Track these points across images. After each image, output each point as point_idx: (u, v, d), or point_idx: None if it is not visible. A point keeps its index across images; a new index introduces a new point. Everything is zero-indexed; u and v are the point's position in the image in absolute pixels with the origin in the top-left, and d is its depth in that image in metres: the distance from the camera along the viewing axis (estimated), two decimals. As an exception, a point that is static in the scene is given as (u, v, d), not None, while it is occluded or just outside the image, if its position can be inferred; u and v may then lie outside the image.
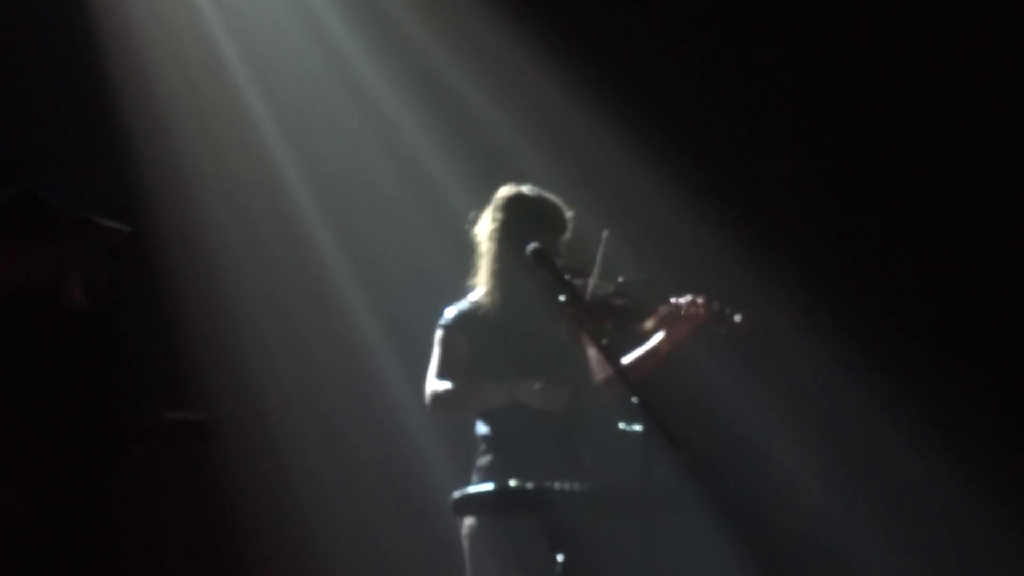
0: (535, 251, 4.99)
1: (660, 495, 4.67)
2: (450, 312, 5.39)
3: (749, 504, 6.99)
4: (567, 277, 5.01)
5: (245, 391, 7.26)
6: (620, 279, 5.34)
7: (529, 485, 4.85)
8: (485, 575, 5.19)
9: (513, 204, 5.40)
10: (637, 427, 4.68)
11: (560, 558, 4.78)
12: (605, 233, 5.33)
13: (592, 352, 5.41)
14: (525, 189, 5.44)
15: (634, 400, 4.61)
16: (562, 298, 4.83)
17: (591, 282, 5.28)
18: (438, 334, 5.37)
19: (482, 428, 5.37)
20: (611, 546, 5.05)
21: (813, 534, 7.18)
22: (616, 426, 4.73)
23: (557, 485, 4.98)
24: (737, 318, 5.34)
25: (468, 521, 5.21)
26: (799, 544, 7.11)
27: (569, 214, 5.42)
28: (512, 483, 4.89)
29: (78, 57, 7.01)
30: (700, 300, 5.34)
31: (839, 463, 7.27)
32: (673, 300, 5.37)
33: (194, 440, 5.05)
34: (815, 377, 7.37)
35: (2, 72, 6.93)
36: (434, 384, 5.32)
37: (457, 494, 4.92)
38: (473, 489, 4.99)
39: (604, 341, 4.78)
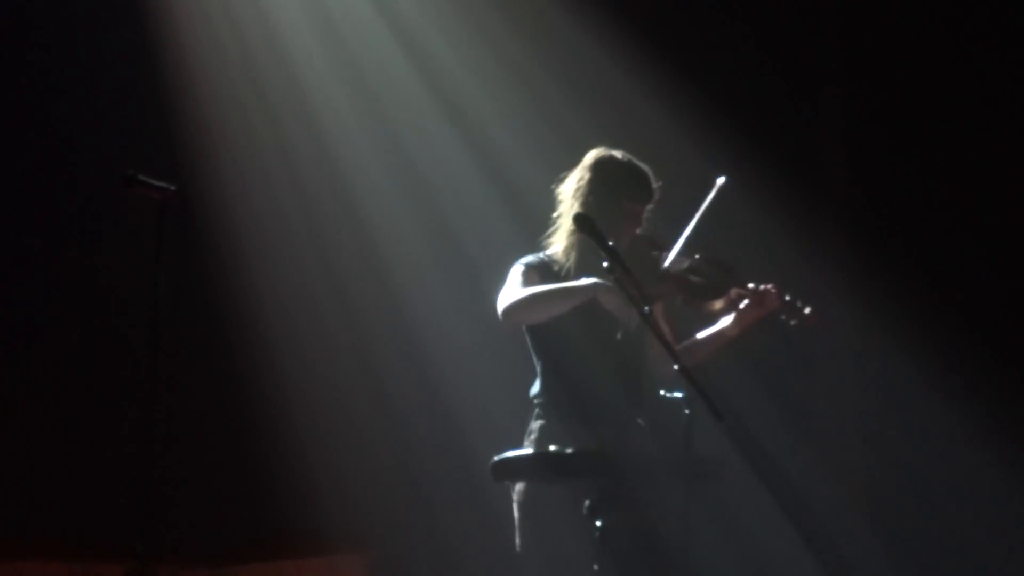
0: (578, 217, 4.96)
1: (700, 462, 4.68)
2: (527, 258, 5.34)
3: (790, 474, 6.97)
4: (613, 244, 4.97)
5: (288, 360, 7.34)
6: (697, 256, 5.28)
7: (568, 450, 4.87)
8: (534, 539, 5.18)
9: (601, 165, 5.36)
10: (678, 394, 4.68)
11: (599, 524, 4.79)
12: (720, 180, 5.31)
13: (663, 325, 5.36)
14: (616, 152, 5.39)
15: (675, 367, 4.60)
16: (605, 264, 4.80)
17: (674, 249, 5.26)
18: (516, 268, 5.30)
19: (535, 389, 5.34)
20: (651, 513, 5.06)
21: (856, 507, 7.16)
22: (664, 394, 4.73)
23: (596, 450, 5.02)
24: (807, 310, 5.29)
25: (519, 486, 5.19)
26: (840, 515, 7.09)
27: (657, 184, 5.38)
28: (552, 448, 4.90)
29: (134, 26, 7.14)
30: (771, 288, 5.30)
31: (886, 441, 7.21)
32: (747, 286, 5.32)
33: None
34: (860, 362, 7.31)
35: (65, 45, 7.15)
36: (512, 289, 5.23)
37: (496, 458, 4.91)
38: (512, 453, 4.98)
39: (646, 309, 4.74)
